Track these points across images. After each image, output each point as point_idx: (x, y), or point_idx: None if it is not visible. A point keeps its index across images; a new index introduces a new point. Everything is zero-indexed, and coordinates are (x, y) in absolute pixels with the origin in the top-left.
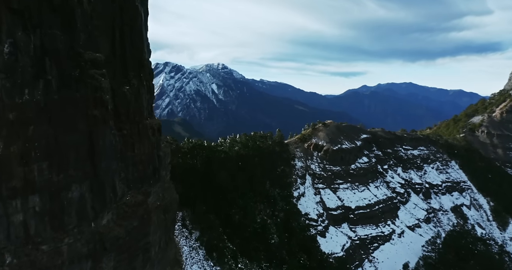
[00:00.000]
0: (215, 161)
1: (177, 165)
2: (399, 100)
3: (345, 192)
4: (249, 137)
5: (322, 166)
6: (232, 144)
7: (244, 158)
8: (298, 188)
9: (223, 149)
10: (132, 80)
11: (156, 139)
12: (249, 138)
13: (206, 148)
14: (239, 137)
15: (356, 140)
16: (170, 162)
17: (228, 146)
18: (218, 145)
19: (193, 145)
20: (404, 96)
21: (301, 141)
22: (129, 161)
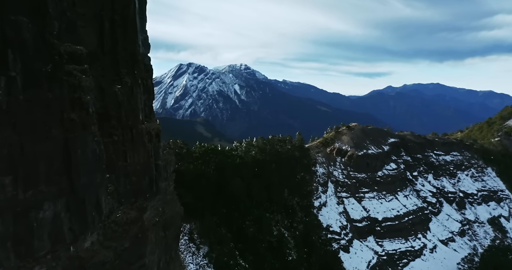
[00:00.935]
0: (229, 167)
1: (187, 171)
2: (426, 101)
3: (371, 202)
4: (266, 141)
5: (346, 173)
6: (248, 148)
7: (260, 163)
8: (319, 197)
9: (238, 153)
10: (124, 78)
11: (154, 146)
12: (267, 142)
13: (219, 153)
14: (255, 140)
15: (383, 144)
16: (177, 169)
17: (243, 150)
18: (233, 149)
19: (205, 149)
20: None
21: (323, 145)
22: (120, 172)
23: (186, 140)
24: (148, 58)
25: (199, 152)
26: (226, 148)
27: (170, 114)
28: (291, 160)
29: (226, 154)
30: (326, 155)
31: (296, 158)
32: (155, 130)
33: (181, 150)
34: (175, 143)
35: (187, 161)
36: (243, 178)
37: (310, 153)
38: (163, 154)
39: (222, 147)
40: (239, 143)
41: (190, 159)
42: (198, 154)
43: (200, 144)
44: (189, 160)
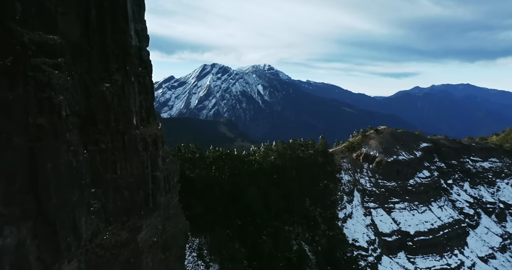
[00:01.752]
0: (245, 174)
1: (198, 179)
2: (455, 102)
3: (401, 213)
4: (286, 145)
5: (374, 181)
6: (267, 152)
7: (280, 170)
8: (344, 207)
9: (255, 158)
10: (114, 75)
11: (151, 155)
12: (287, 146)
13: (234, 158)
14: (275, 144)
15: (414, 149)
16: (188, 176)
17: (261, 155)
18: (250, 154)
19: (219, 154)
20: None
21: (349, 149)
22: (108, 186)
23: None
24: (147, 52)
25: (212, 157)
26: (242, 153)
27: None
28: (313, 166)
29: (242, 159)
30: (352, 161)
31: (319, 164)
32: (152, 136)
33: (194, 154)
34: (186, 147)
35: (199, 166)
36: (260, 186)
37: (335, 159)
38: (164, 163)
39: (238, 152)
40: (257, 147)
41: (203, 164)
42: (212, 159)
43: (214, 148)
44: (201, 166)
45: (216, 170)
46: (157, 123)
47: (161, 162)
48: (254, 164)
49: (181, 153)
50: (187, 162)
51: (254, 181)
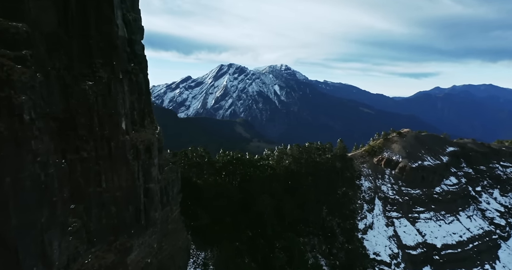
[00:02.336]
0: (256, 180)
1: (205, 186)
2: (477, 103)
3: (427, 224)
4: (302, 149)
5: (397, 188)
6: (281, 157)
7: (295, 176)
8: (365, 217)
9: (268, 163)
10: (99, 71)
11: (143, 164)
12: (303, 150)
13: (245, 163)
14: (290, 148)
15: (441, 154)
16: (194, 183)
17: (275, 160)
18: (263, 158)
19: (229, 159)
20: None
21: (369, 154)
22: (91, 201)
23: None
24: (141, 46)
25: (222, 162)
26: (254, 157)
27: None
28: (331, 172)
29: (254, 164)
30: (373, 166)
31: (337, 169)
32: (146, 142)
33: (202, 159)
34: (194, 151)
35: (208, 171)
36: (273, 194)
37: (354, 164)
38: (162, 172)
39: (250, 156)
40: (270, 151)
41: (212, 170)
42: (221, 163)
43: (224, 152)
44: (210, 171)
45: (226, 176)
46: (154, 127)
47: (156, 171)
48: (267, 169)
49: (187, 157)
50: (194, 167)
51: (266, 188)
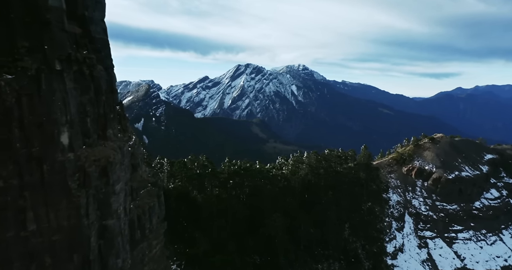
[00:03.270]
0: (267, 195)
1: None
2: (501, 104)
3: (466, 245)
4: (321, 157)
5: (431, 203)
6: (296, 166)
7: (312, 188)
8: (394, 238)
9: (282, 173)
10: (23, 59)
11: (96, 193)
12: (321, 158)
13: (255, 174)
14: (306, 155)
15: (479, 162)
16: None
17: (290, 169)
18: (275, 167)
19: (235, 169)
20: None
21: (398, 162)
22: (10, 253)
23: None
24: (101, 27)
25: (228, 172)
26: (266, 166)
27: (227, 115)
28: (354, 185)
29: (265, 175)
30: (402, 177)
31: (362, 181)
32: (100, 163)
33: (204, 169)
34: (195, 160)
35: (211, 184)
36: (286, 211)
37: (380, 174)
38: (135, 198)
39: (261, 165)
40: (284, 159)
41: (215, 182)
42: (227, 175)
43: (230, 161)
44: (214, 183)
45: (232, 189)
46: (126, 138)
47: (120, 201)
48: (280, 181)
49: (186, 168)
50: (195, 180)
51: (278, 203)
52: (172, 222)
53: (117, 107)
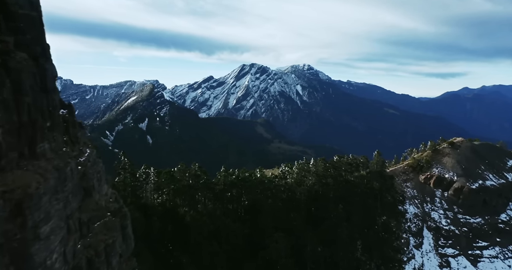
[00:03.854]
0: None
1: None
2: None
3: (493, 264)
4: (329, 164)
5: (452, 216)
6: (302, 174)
7: (320, 201)
8: (412, 257)
9: (285, 183)
10: None
11: (7, 242)
12: (330, 166)
13: (255, 185)
14: (313, 162)
15: (503, 169)
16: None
17: (295, 178)
18: (279, 176)
19: (232, 180)
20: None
21: (414, 169)
22: None
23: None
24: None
25: (223, 184)
26: (268, 174)
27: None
28: (367, 196)
29: (267, 185)
30: (419, 186)
31: (375, 191)
32: (13, 195)
33: (197, 180)
34: (185, 171)
35: (204, 195)
36: (290, 229)
37: (395, 183)
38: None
39: (262, 173)
40: (288, 166)
41: (210, 193)
42: (223, 186)
43: (227, 171)
44: (207, 195)
45: (228, 202)
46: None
47: (53, 246)
48: (284, 192)
49: (175, 180)
50: (185, 194)
51: (281, 220)
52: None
53: (62, 112)
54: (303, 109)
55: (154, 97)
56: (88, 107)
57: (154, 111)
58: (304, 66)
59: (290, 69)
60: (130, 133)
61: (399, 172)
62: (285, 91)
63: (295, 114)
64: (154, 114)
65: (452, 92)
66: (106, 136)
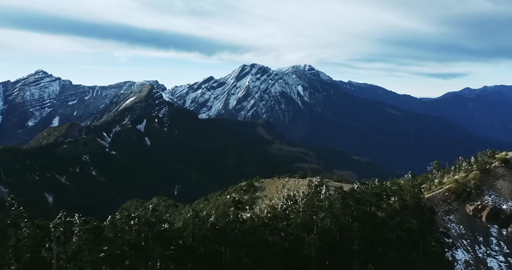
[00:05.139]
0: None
1: None
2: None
3: None
4: (349, 196)
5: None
6: (311, 210)
7: (338, 254)
8: None
9: (287, 225)
10: None
11: None
12: (350, 198)
13: (239, 238)
14: (325, 192)
15: None
16: None
17: (301, 218)
18: (278, 216)
19: (203, 234)
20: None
21: (458, 196)
22: None
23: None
24: None
25: (192, 236)
26: (265, 213)
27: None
28: (405, 244)
29: (259, 235)
30: (467, 219)
31: (414, 234)
32: None
33: (148, 229)
34: (130, 219)
35: (160, 254)
36: None
37: (437, 218)
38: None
39: (256, 214)
40: (291, 201)
41: (171, 252)
42: (191, 239)
43: (197, 215)
44: (169, 254)
45: (199, 265)
46: None
47: None
48: (285, 241)
49: (105, 240)
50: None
51: None
52: None
53: None
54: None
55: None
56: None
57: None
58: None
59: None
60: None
61: (438, 200)
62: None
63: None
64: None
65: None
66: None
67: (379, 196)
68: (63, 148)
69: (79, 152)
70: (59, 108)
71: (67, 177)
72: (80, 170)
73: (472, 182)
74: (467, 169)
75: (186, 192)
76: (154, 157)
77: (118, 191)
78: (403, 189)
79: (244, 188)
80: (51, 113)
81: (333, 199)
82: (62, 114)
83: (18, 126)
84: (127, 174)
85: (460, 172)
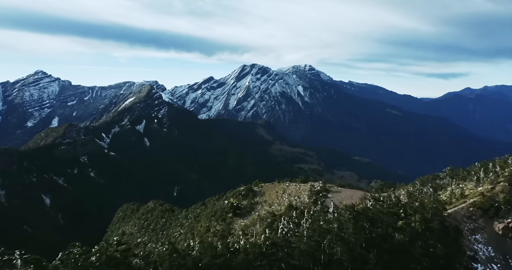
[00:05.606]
0: None
1: None
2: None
3: None
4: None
5: None
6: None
7: None
8: None
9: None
10: None
11: None
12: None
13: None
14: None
15: None
16: None
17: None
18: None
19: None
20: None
21: (483, 212)
22: None
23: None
24: None
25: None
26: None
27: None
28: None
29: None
30: (496, 239)
31: (440, 262)
32: None
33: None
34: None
35: None
36: None
37: (463, 239)
38: None
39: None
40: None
41: None
42: None
43: (175, 250)
44: None
45: None
46: None
47: None
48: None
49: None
50: None
51: None
52: None
53: None
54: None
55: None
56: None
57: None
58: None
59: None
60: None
61: (461, 217)
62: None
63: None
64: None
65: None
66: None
67: (397, 214)
68: (61, 149)
69: (77, 153)
70: (58, 109)
71: (65, 179)
72: (78, 171)
73: (501, 195)
74: (494, 181)
75: (186, 193)
76: (153, 157)
77: (116, 192)
78: (425, 207)
79: (242, 192)
80: (51, 114)
81: (343, 220)
82: (62, 114)
83: (17, 127)
84: (126, 175)
85: (485, 183)
